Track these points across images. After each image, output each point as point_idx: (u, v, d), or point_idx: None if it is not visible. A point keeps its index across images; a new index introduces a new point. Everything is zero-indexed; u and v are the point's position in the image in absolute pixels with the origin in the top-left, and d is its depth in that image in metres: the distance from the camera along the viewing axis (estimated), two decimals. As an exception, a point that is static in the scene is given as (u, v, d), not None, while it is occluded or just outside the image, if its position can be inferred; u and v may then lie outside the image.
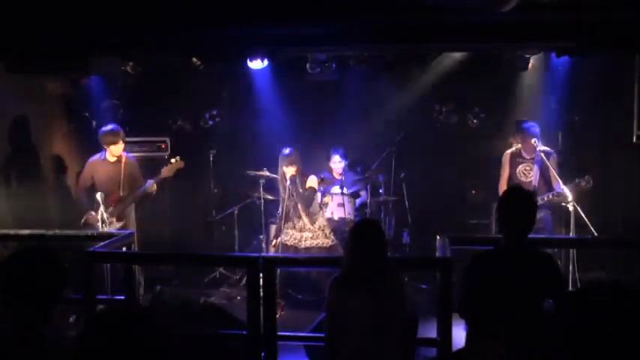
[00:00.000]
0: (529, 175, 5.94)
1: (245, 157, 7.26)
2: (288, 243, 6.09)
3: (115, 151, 5.99)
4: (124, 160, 6.07)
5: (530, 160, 5.95)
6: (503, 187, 6.02)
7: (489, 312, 3.15)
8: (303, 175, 6.09)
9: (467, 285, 3.27)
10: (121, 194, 5.97)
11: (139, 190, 5.99)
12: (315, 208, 6.17)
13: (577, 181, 5.58)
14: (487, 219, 6.75)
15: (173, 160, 6.12)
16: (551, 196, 5.72)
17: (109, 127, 6.07)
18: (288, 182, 5.99)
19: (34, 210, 6.19)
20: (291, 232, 6.09)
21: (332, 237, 6.14)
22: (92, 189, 6.03)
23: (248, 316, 3.77)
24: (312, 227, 6.10)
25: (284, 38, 5.43)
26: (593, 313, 1.83)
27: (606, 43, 5.20)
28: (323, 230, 6.12)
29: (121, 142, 5.99)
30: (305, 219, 6.11)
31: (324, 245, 6.06)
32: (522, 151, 5.98)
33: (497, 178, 6.18)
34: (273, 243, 6.36)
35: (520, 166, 5.98)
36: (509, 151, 6.08)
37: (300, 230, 6.07)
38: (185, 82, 7.26)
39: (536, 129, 5.87)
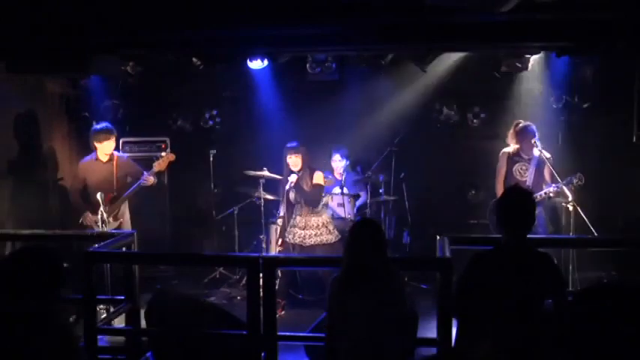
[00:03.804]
0: (524, 174, 5.91)
1: (245, 157, 7.25)
2: (292, 241, 6.07)
3: (106, 148, 5.96)
4: (115, 159, 6.05)
5: (527, 159, 5.93)
6: (500, 185, 6.00)
7: (483, 312, 3.16)
8: (310, 171, 6.05)
9: (466, 286, 3.26)
10: (115, 193, 5.96)
11: (135, 184, 5.96)
12: (320, 205, 6.16)
13: (569, 178, 5.58)
14: (487, 219, 6.74)
15: (163, 154, 6.11)
16: (545, 194, 5.70)
17: (101, 124, 6.07)
18: (294, 182, 5.93)
19: (34, 210, 6.19)
20: (295, 230, 6.08)
21: (336, 232, 6.11)
22: (85, 190, 6.03)
23: (248, 316, 3.77)
24: (315, 224, 6.09)
25: (284, 39, 5.44)
26: (594, 313, 1.84)
27: (606, 43, 5.21)
28: (327, 227, 6.11)
29: (112, 139, 5.96)
30: (308, 217, 6.07)
31: (329, 242, 6.04)
32: (520, 151, 5.96)
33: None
34: (280, 242, 6.33)
35: (517, 165, 5.95)
36: (506, 150, 6.05)
37: (304, 228, 6.06)
38: (185, 82, 7.26)
39: (534, 128, 5.86)
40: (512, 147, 6.02)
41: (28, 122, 6.46)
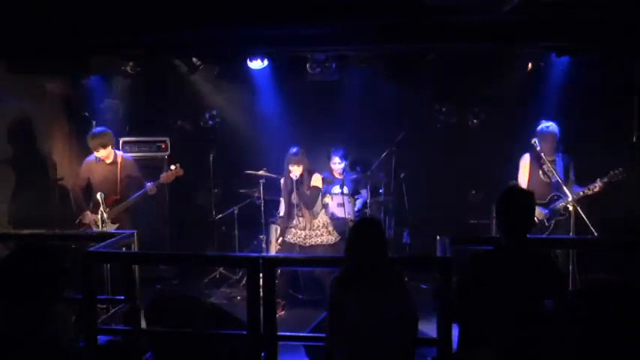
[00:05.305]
0: (552, 175, 5.68)
1: (245, 157, 7.26)
2: (292, 241, 6.08)
3: (100, 154, 5.93)
4: (119, 160, 6.04)
5: (551, 161, 5.70)
6: None
7: (485, 318, 3.15)
8: (309, 174, 6.07)
9: (465, 287, 3.26)
10: (117, 197, 5.95)
11: (138, 192, 5.98)
12: (318, 206, 6.16)
13: (611, 173, 5.51)
14: (487, 219, 6.74)
15: (173, 167, 6.09)
16: (588, 190, 5.59)
17: (92, 130, 6.05)
18: (295, 183, 5.95)
19: (34, 210, 6.19)
20: (295, 230, 6.08)
21: (335, 233, 6.12)
22: (88, 189, 6.02)
23: (248, 316, 3.77)
24: (316, 224, 6.09)
25: (284, 39, 5.45)
26: (594, 314, 1.83)
27: (606, 43, 5.21)
28: (327, 227, 6.12)
29: (100, 148, 5.86)
30: (308, 218, 6.08)
31: (329, 242, 6.05)
32: (542, 154, 5.69)
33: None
34: (280, 241, 6.34)
35: (544, 166, 5.74)
36: (528, 154, 5.85)
37: (304, 229, 6.07)
38: (185, 82, 7.26)
39: (546, 128, 5.69)
40: (530, 152, 5.82)
41: (28, 122, 6.46)
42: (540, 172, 5.79)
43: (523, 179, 5.87)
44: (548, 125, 5.76)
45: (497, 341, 3.11)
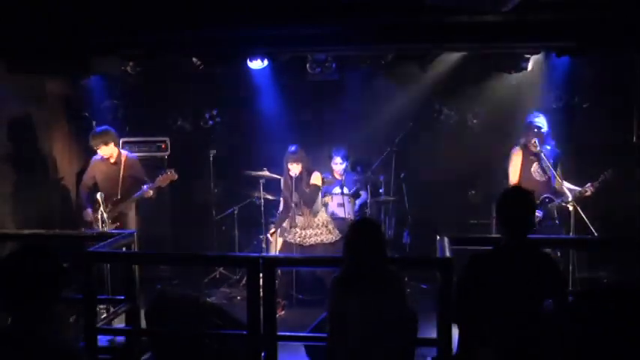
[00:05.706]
0: (545, 173, 5.61)
1: (245, 157, 7.26)
2: (292, 241, 6.08)
3: (103, 153, 5.95)
4: (123, 160, 6.05)
5: (543, 157, 5.61)
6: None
7: (485, 318, 3.15)
8: (308, 172, 6.08)
9: (465, 287, 3.26)
10: (118, 197, 5.96)
11: (136, 194, 5.98)
12: (318, 204, 6.17)
13: (602, 176, 5.44)
14: (487, 219, 6.73)
15: (168, 172, 6.09)
16: (579, 193, 5.51)
17: (95, 129, 6.08)
18: (294, 181, 5.97)
19: (34, 210, 6.20)
20: (294, 230, 6.08)
21: (336, 232, 6.12)
22: (95, 188, 6.04)
23: (248, 316, 3.77)
24: (315, 223, 6.09)
25: (284, 39, 5.45)
26: (594, 314, 1.84)
27: (606, 43, 5.21)
28: (327, 226, 6.12)
29: (101, 146, 5.91)
30: (308, 217, 6.09)
31: (329, 241, 6.06)
32: (531, 147, 5.61)
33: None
34: (271, 232, 6.38)
35: (534, 165, 5.66)
36: (518, 147, 5.74)
37: (304, 228, 6.07)
38: (185, 82, 7.26)
39: (538, 120, 5.62)
40: (521, 144, 5.72)
41: (28, 122, 6.46)
42: (533, 168, 5.69)
43: (514, 174, 5.72)
44: (527, 120, 5.68)
45: (497, 341, 3.11)
